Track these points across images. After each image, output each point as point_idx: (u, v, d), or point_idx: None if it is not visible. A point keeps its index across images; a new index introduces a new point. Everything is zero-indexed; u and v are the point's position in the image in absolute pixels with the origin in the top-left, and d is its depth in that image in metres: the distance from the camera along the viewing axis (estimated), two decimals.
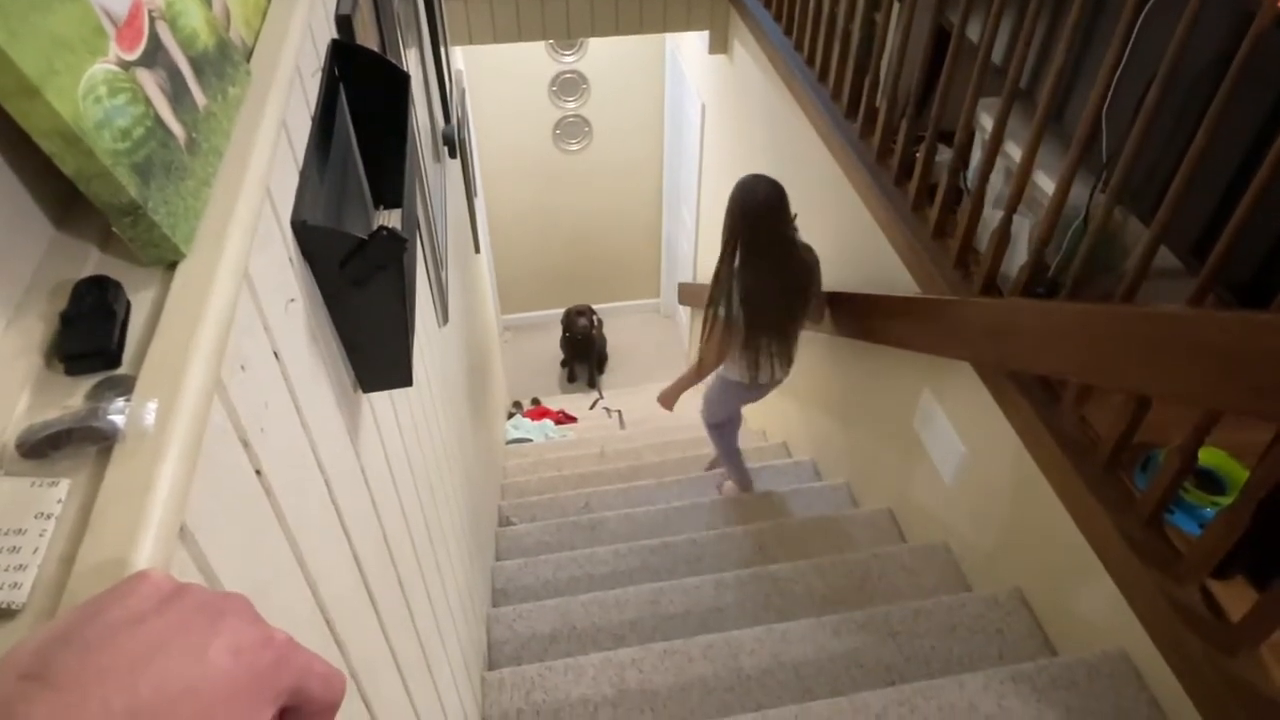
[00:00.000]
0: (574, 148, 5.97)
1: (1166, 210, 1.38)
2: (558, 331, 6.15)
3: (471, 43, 3.92)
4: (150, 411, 0.41)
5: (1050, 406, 1.69)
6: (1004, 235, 1.83)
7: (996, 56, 1.92)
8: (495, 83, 5.54)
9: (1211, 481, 1.58)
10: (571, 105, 5.79)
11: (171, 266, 0.51)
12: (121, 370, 0.44)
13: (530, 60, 5.52)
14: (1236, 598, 1.41)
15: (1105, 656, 1.58)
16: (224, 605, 0.33)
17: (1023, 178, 1.76)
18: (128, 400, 0.42)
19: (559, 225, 6.36)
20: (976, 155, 2.07)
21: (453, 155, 2.52)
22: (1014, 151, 1.90)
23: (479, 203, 4.45)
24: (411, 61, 1.78)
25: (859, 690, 1.66)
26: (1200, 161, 1.31)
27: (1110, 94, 1.50)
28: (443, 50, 2.47)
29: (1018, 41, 1.73)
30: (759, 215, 2.27)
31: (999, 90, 1.82)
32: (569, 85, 5.70)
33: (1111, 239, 1.73)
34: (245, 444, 0.53)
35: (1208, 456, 1.57)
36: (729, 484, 3.08)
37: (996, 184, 2.01)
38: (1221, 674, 1.32)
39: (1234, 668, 1.32)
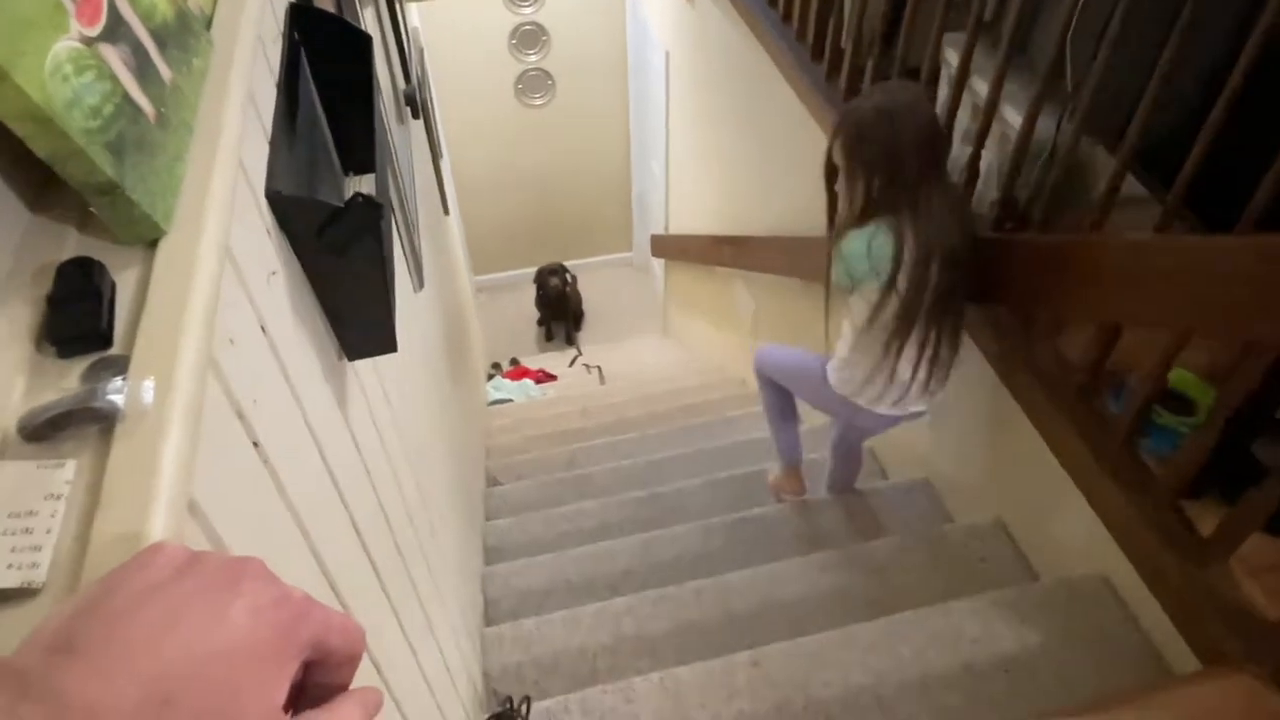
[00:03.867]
0: (538, 102, 5.88)
1: (1132, 138, 1.39)
2: (532, 290, 6.12)
3: None
4: (148, 390, 0.42)
5: (1024, 338, 1.72)
6: (973, 171, 1.84)
7: None
8: (453, 38, 5.41)
9: (1181, 403, 1.63)
10: (532, 58, 5.68)
11: (152, 244, 0.51)
12: (114, 350, 0.45)
13: (487, 13, 5.40)
14: (1209, 515, 1.46)
15: (1084, 578, 1.63)
16: (240, 568, 0.34)
17: (990, 112, 1.76)
18: (124, 380, 0.42)
19: (527, 182, 6.28)
20: (943, 92, 2.07)
21: (415, 116, 2.48)
22: (980, 86, 1.90)
23: (445, 164, 4.39)
24: (369, 21, 1.75)
25: (849, 623, 1.71)
26: (1164, 87, 1.32)
27: (1074, 22, 1.50)
28: (399, 8, 2.41)
29: None
30: (918, 137, 1.51)
31: (963, 24, 1.82)
32: (529, 38, 5.58)
33: (1080, 169, 1.75)
34: (240, 416, 0.53)
35: (1176, 379, 1.61)
36: (773, 473, 2.34)
37: (964, 119, 2.02)
38: (1195, 587, 1.38)
39: (1207, 580, 1.38)
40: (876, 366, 1.68)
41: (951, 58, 1.96)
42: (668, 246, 5.11)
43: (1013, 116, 1.82)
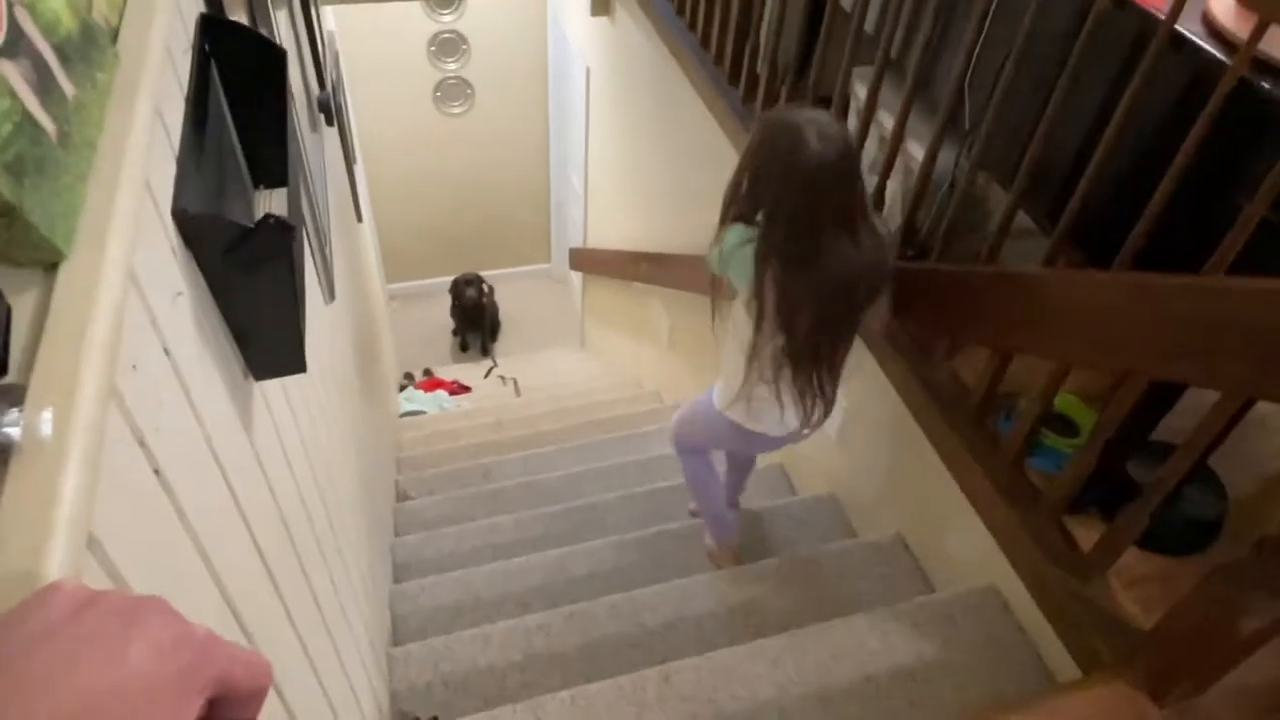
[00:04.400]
0: (456, 110, 5.82)
1: (1023, 177, 1.48)
2: (447, 299, 6.04)
3: (343, 1, 3.75)
4: (46, 421, 0.41)
5: (924, 361, 1.80)
6: (878, 199, 1.92)
7: (869, 26, 1.99)
8: (371, 44, 5.32)
9: (1066, 425, 1.73)
10: (452, 67, 5.63)
11: (52, 267, 0.50)
12: (9, 379, 0.43)
13: (406, 20, 5.33)
14: (1090, 530, 1.56)
15: (977, 590, 1.71)
16: (141, 607, 0.34)
17: (894, 145, 1.84)
18: (21, 410, 0.41)
19: (444, 190, 6.21)
20: (852, 122, 2.15)
21: (329, 123, 2.43)
22: (886, 120, 1.99)
23: (359, 170, 4.31)
24: (281, 22, 1.71)
25: (756, 637, 1.75)
26: (1051, 132, 1.41)
27: (971, 67, 1.59)
28: (313, 11, 2.36)
29: (887, 12, 1.81)
30: (813, 185, 1.44)
31: (872, 60, 1.90)
32: (448, 46, 5.53)
33: (976, 203, 1.84)
34: (142, 444, 0.52)
35: (1061, 402, 1.71)
36: (709, 539, 2.20)
37: (871, 150, 2.10)
38: (1076, 598, 1.47)
39: (1086, 592, 1.47)
40: (756, 392, 1.67)
41: (860, 91, 2.04)
42: (586, 260, 5.12)
43: (916, 150, 1.91)
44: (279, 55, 0.99)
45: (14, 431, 0.40)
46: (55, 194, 0.51)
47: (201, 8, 0.94)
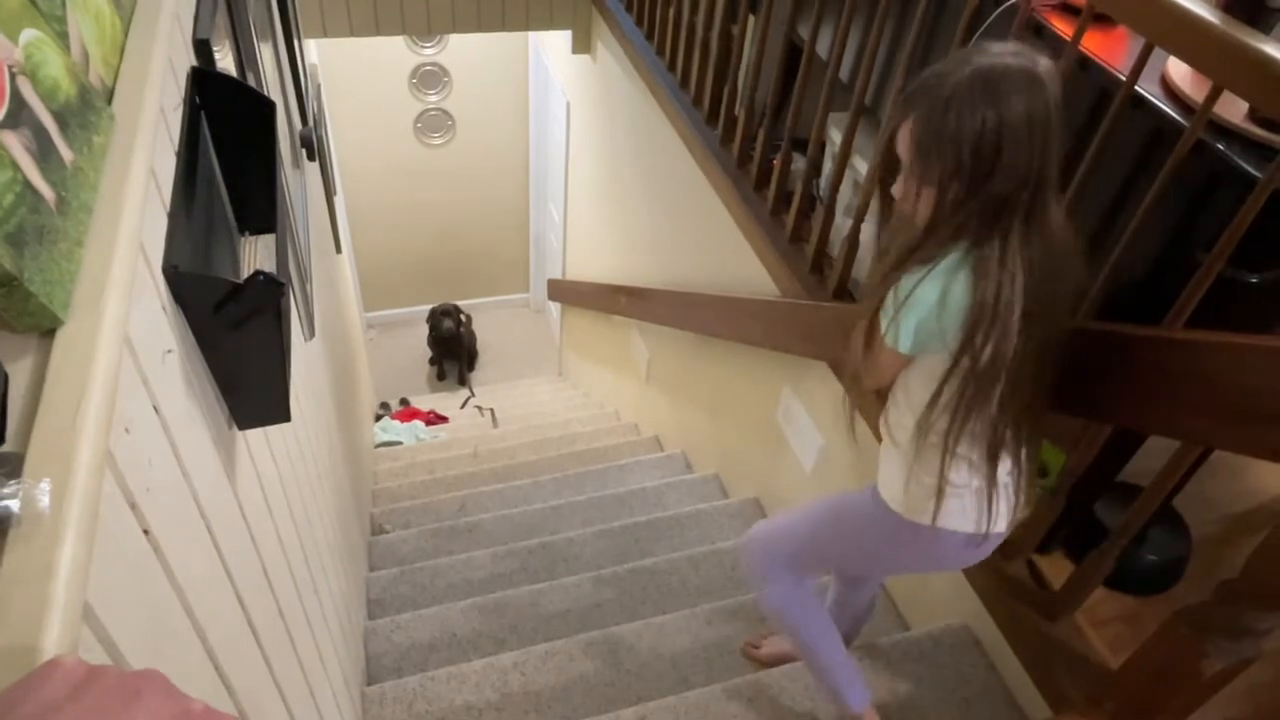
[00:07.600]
0: (437, 141, 5.86)
1: None
2: (425, 328, 6.03)
3: (326, 36, 3.78)
4: (44, 492, 0.42)
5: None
6: (853, 242, 1.96)
7: (844, 74, 2.04)
8: (352, 75, 5.35)
9: None
10: (433, 98, 5.67)
11: (49, 333, 0.51)
12: (7, 448, 0.44)
13: (388, 52, 5.37)
14: (1057, 569, 1.59)
15: (949, 629, 1.73)
16: (139, 684, 0.35)
17: (869, 189, 1.89)
18: (19, 482, 0.42)
19: (424, 220, 6.22)
20: (827, 167, 2.20)
21: (311, 158, 2.44)
22: (861, 165, 2.04)
23: (338, 201, 4.31)
24: (265, 56, 1.72)
25: (732, 677, 1.75)
26: None
27: None
28: (297, 45, 2.38)
29: (862, 61, 1.86)
30: (1038, 129, 1.01)
31: (848, 104, 1.95)
32: (430, 78, 5.58)
33: None
34: (133, 506, 0.53)
35: None
36: (775, 643, 1.85)
37: (846, 193, 2.15)
38: (1045, 637, 1.49)
39: (1055, 631, 1.49)
40: (952, 474, 1.18)
41: (835, 136, 2.09)
42: (564, 291, 5.15)
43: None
44: (268, 106, 1.01)
45: (13, 504, 0.41)
46: (53, 261, 0.52)
47: (193, 60, 0.95)
